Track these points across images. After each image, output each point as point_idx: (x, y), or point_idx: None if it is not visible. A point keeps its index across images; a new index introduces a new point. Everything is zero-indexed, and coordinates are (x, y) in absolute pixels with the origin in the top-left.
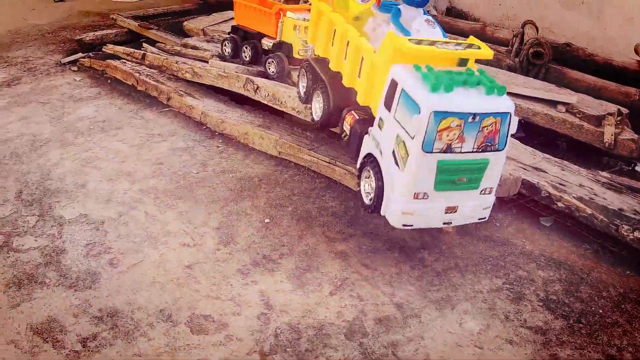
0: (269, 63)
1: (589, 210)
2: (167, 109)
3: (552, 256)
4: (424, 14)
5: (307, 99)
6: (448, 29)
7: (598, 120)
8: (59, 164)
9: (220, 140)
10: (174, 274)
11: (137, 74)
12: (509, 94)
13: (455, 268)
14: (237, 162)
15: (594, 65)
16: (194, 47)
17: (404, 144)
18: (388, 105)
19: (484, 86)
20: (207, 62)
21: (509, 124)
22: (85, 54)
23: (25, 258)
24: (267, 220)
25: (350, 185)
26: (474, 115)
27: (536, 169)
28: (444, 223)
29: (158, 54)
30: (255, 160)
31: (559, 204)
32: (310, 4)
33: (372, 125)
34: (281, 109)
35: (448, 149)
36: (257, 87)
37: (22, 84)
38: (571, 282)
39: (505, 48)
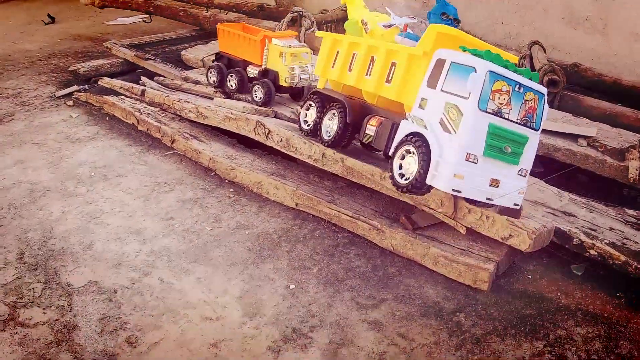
0: (255, 90)
1: (622, 258)
2: (172, 152)
3: (588, 309)
4: None
5: (313, 131)
6: None
7: (621, 154)
8: (61, 219)
9: (232, 190)
10: (200, 355)
11: (138, 113)
12: None
13: (494, 332)
14: (252, 215)
15: (603, 85)
16: (196, 82)
17: (457, 107)
18: (432, 83)
19: (520, 72)
20: (211, 97)
21: (544, 106)
22: (80, 87)
23: (34, 334)
24: (292, 286)
25: (376, 240)
26: (520, 85)
27: (565, 213)
28: (487, 198)
29: (158, 89)
30: (271, 213)
31: (592, 252)
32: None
33: (397, 120)
34: (296, 157)
35: (498, 112)
36: (269, 132)
37: (16, 121)
38: (610, 336)
39: None
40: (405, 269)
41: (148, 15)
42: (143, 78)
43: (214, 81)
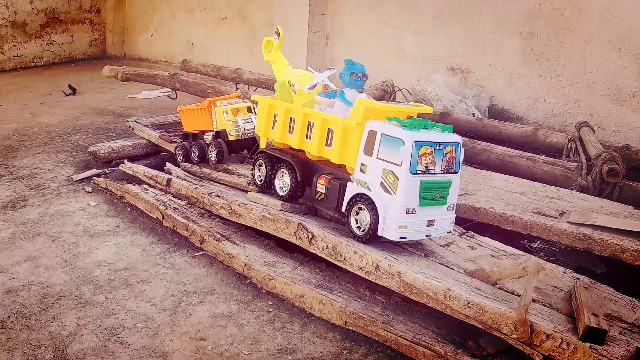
0: (210, 151)
1: None
2: (201, 254)
3: None
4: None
5: (265, 186)
6: (497, 133)
7: None
8: (76, 335)
9: (270, 302)
10: None
11: (163, 207)
12: (591, 226)
13: None
14: (295, 336)
15: None
16: (226, 171)
17: (393, 172)
18: (368, 151)
19: (438, 127)
20: (244, 190)
21: (460, 152)
22: (100, 171)
23: None
24: None
25: None
26: (439, 143)
27: None
28: (426, 235)
29: (185, 179)
30: (317, 333)
31: None
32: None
33: (342, 180)
34: (344, 267)
35: (426, 171)
36: (312, 236)
37: (29, 207)
38: None
39: (575, 165)
40: None
41: (173, 91)
42: (168, 164)
43: (181, 159)
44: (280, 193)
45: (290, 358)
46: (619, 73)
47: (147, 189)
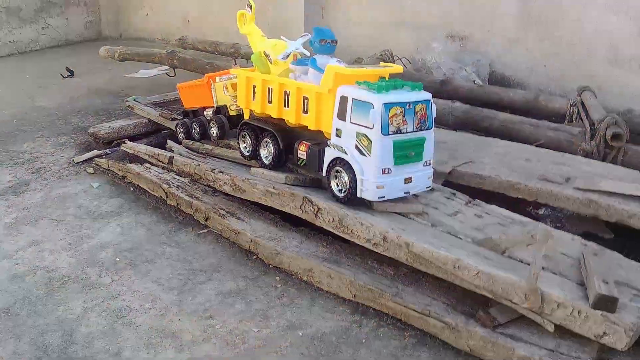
0: (211, 127)
1: None
2: (206, 231)
3: None
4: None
5: (252, 156)
6: (498, 100)
7: None
8: (83, 319)
9: (278, 277)
10: None
11: (166, 185)
12: (596, 191)
13: None
14: (304, 310)
15: None
16: (228, 146)
17: (365, 135)
18: (342, 116)
19: (407, 86)
20: (247, 165)
21: (432, 109)
22: (101, 152)
23: None
24: None
25: (450, 340)
26: (409, 103)
27: None
28: (405, 192)
29: (187, 156)
30: (326, 307)
31: None
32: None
33: (321, 145)
34: (351, 240)
35: (398, 131)
36: (318, 210)
37: (31, 191)
38: None
39: (578, 129)
40: None
41: (171, 68)
42: (170, 142)
43: (182, 136)
44: (265, 162)
45: (300, 333)
46: (617, 35)
47: (149, 168)
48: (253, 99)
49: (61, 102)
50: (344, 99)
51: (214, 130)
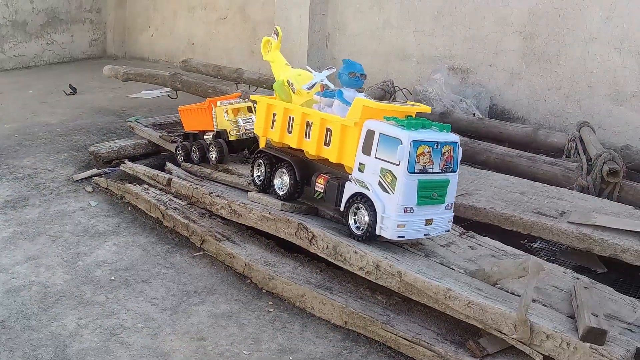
0: (210, 151)
1: None
2: (201, 253)
3: None
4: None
5: (265, 185)
6: (497, 134)
7: None
8: (76, 335)
9: (271, 302)
10: None
11: (163, 207)
12: (592, 226)
13: None
14: (296, 336)
15: None
16: (227, 170)
17: (390, 172)
18: (367, 151)
19: (435, 127)
20: (245, 190)
21: (458, 152)
22: (100, 171)
23: None
24: None
25: None
26: (437, 143)
27: None
28: (424, 234)
29: (186, 179)
30: (317, 333)
31: None
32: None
33: (341, 180)
34: (344, 267)
35: (424, 170)
36: (313, 237)
37: (30, 207)
38: None
39: (575, 165)
40: None
41: (174, 90)
42: (169, 164)
43: (182, 159)
44: (279, 192)
45: (290, 358)
46: (619, 73)
47: (147, 189)
48: (272, 127)
49: (63, 119)
50: (370, 133)
51: (213, 154)
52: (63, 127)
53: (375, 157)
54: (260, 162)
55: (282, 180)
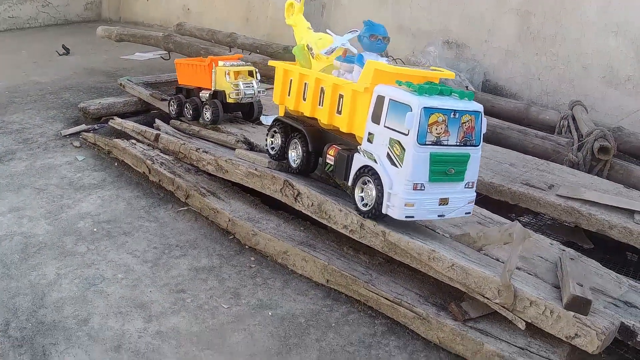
0: (205, 111)
1: None
2: (186, 208)
3: None
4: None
5: (279, 157)
6: (489, 108)
7: None
8: (55, 284)
9: (253, 258)
10: None
11: (150, 162)
12: (580, 200)
13: None
14: (276, 291)
15: None
16: (216, 129)
17: (399, 143)
18: (376, 119)
19: (455, 94)
20: (232, 147)
21: (482, 123)
22: (89, 127)
23: None
24: None
25: (420, 331)
26: (454, 112)
27: (626, 303)
28: (439, 215)
29: (174, 135)
30: (298, 290)
31: None
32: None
33: (352, 151)
34: (328, 225)
35: (437, 142)
36: (298, 194)
37: (17, 161)
38: None
39: (566, 140)
40: None
41: (167, 52)
42: (157, 121)
43: (174, 112)
44: (293, 165)
45: (270, 313)
46: (614, 56)
47: (135, 144)
48: (288, 95)
49: (55, 78)
50: (380, 99)
51: (207, 114)
52: (54, 86)
53: (385, 126)
54: (275, 131)
55: (297, 152)
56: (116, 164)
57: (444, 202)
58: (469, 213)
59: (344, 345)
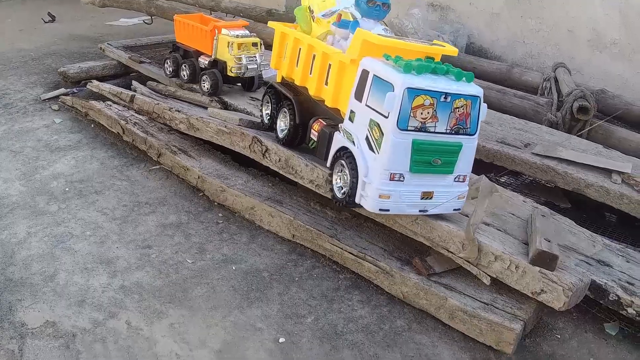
0: (203, 80)
1: None
2: (158, 167)
3: None
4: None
5: (270, 125)
6: (471, 69)
7: None
8: (25, 242)
9: (221, 214)
10: None
11: (124, 122)
12: (557, 159)
13: None
14: (242, 247)
15: (631, 115)
16: (191, 89)
17: (378, 126)
18: (359, 96)
19: (452, 74)
20: (203, 105)
21: (479, 109)
22: (68, 90)
23: None
24: (281, 340)
25: (384, 285)
26: (446, 94)
27: (599, 261)
28: (420, 210)
29: (149, 96)
30: (264, 245)
31: (629, 310)
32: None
33: (335, 129)
34: (295, 180)
35: (422, 128)
36: (266, 150)
37: None
38: None
39: (545, 100)
40: (417, 322)
41: (150, 17)
42: (134, 83)
43: (170, 71)
44: (280, 135)
45: (233, 267)
46: (600, 19)
47: (110, 105)
48: (283, 59)
49: (38, 45)
50: (364, 74)
51: (206, 85)
52: (37, 53)
53: (366, 105)
54: (269, 100)
55: (285, 122)
56: (92, 126)
57: (427, 195)
58: (458, 209)
59: (306, 299)
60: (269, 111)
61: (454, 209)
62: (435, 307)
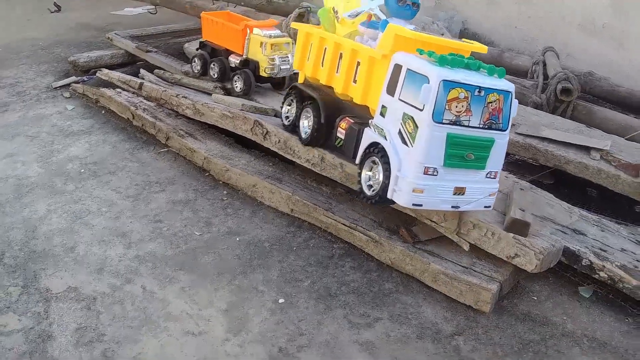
0: (235, 80)
1: (634, 282)
2: (166, 150)
3: (595, 336)
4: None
5: (292, 126)
6: None
7: (635, 170)
8: (45, 219)
9: (225, 192)
10: None
11: (134, 108)
12: (539, 138)
13: (494, 358)
14: (245, 220)
15: (617, 96)
16: (196, 77)
17: (412, 119)
18: (391, 90)
19: (485, 69)
20: (208, 92)
21: (511, 105)
22: (78, 78)
23: (7, 343)
24: (281, 300)
25: (373, 253)
26: (480, 88)
27: (575, 230)
28: (452, 206)
29: (157, 83)
30: (265, 219)
31: (601, 274)
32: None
33: (366, 126)
34: (293, 160)
35: (457, 122)
36: (267, 132)
37: (10, 112)
38: None
39: (531, 82)
40: (403, 285)
41: (154, 7)
42: (142, 71)
43: (197, 70)
44: (303, 135)
45: (237, 239)
46: (592, 5)
47: (120, 93)
48: (307, 60)
49: (47, 35)
50: (397, 68)
51: (238, 85)
52: (46, 42)
53: (399, 99)
54: (292, 99)
55: (309, 122)
56: (103, 112)
57: (459, 191)
58: (489, 207)
59: (303, 265)
60: (292, 112)
61: (485, 206)
62: (420, 272)
